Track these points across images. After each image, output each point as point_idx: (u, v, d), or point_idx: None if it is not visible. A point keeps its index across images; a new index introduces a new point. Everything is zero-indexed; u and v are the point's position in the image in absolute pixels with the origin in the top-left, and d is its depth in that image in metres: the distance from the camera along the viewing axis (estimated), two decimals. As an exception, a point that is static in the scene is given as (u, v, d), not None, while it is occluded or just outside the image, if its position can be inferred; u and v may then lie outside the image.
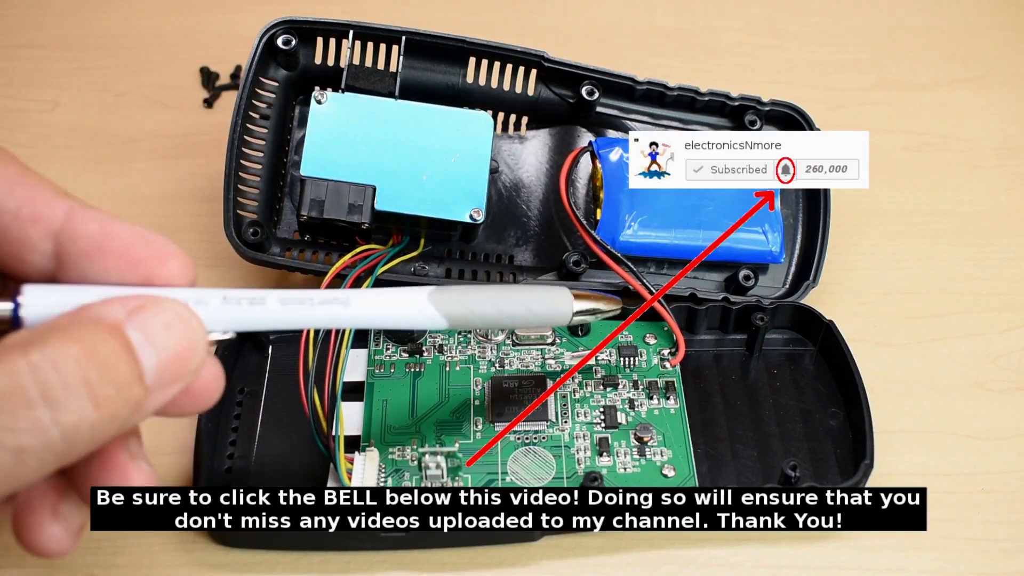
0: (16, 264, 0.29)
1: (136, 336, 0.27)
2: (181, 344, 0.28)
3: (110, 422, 0.26)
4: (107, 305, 0.27)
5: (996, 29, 0.62)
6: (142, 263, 0.29)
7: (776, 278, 0.48)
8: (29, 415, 0.25)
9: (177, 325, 0.28)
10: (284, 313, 0.31)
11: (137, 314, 0.27)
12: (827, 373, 0.45)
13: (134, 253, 0.29)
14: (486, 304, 0.35)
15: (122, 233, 0.29)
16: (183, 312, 0.28)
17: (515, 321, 0.36)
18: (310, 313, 0.31)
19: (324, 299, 0.31)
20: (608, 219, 0.46)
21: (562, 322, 0.38)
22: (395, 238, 0.45)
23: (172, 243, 0.29)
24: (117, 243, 0.29)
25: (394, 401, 0.42)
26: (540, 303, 0.37)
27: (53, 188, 0.29)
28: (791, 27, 0.62)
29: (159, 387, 0.27)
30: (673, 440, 0.42)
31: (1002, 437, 0.44)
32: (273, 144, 0.46)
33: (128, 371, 0.27)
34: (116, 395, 0.26)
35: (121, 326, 0.27)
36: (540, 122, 0.49)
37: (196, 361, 0.28)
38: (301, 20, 0.45)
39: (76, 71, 0.58)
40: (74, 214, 0.29)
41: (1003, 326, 0.48)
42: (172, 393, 0.28)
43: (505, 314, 0.35)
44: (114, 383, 0.26)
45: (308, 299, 0.31)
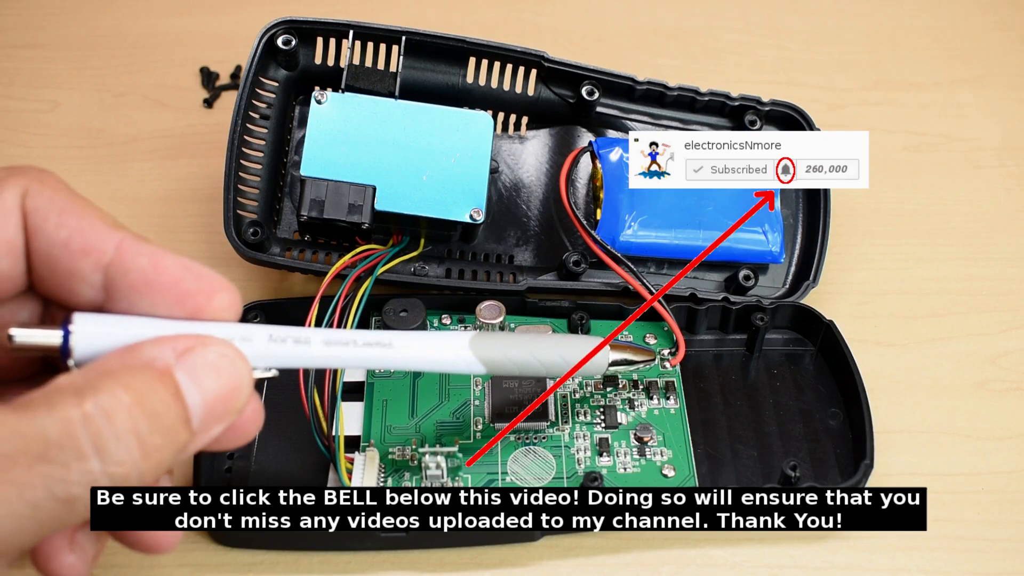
0: (64, 294, 0.29)
1: (184, 380, 0.27)
2: (228, 386, 0.28)
3: (156, 468, 0.27)
4: (157, 347, 0.28)
5: (996, 29, 0.62)
6: (191, 297, 0.29)
7: (776, 278, 0.48)
8: (81, 467, 0.25)
9: (224, 367, 0.28)
10: (327, 353, 0.31)
11: (186, 356, 0.28)
12: (827, 373, 0.45)
13: (183, 287, 0.29)
14: (524, 354, 0.36)
15: (172, 267, 0.29)
16: (230, 354, 0.28)
17: (551, 371, 0.38)
18: (353, 354, 0.32)
19: (368, 341, 0.32)
20: (608, 219, 0.46)
21: (598, 373, 0.39)
22: (395, 238, 0.45)
23: (220, 277, 0.30)
24: (166, 277, 0.29)
25: (394, 401, 0.42)
26: (578, 356, 0.38)
27: (104, 218, 0.29)
28: (791, 27, 0.62)
29: (204, 429, 0.28)
30: (673, 440, 0.42)
31: (1002, 437, 0.44)
32: (273, 144, 0.46)
33: (176, 418, 0.27)
34: (165, 444, 0.27)
35: (171, 371, 0.27)
36: (540, 122, 0.49)
37: (241, 401, 0.29)
38: (301, 20, 0.45)
39: (76, 71, 0.58)
40: (125, 247, 0.29)
41: (1003, 326, 0.48)
42: (216, 433, 0.28)
43: (541, 363, 0.37)
44: (163, 432, 0.27)
45: (352, 340, 0.32)
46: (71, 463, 0.25)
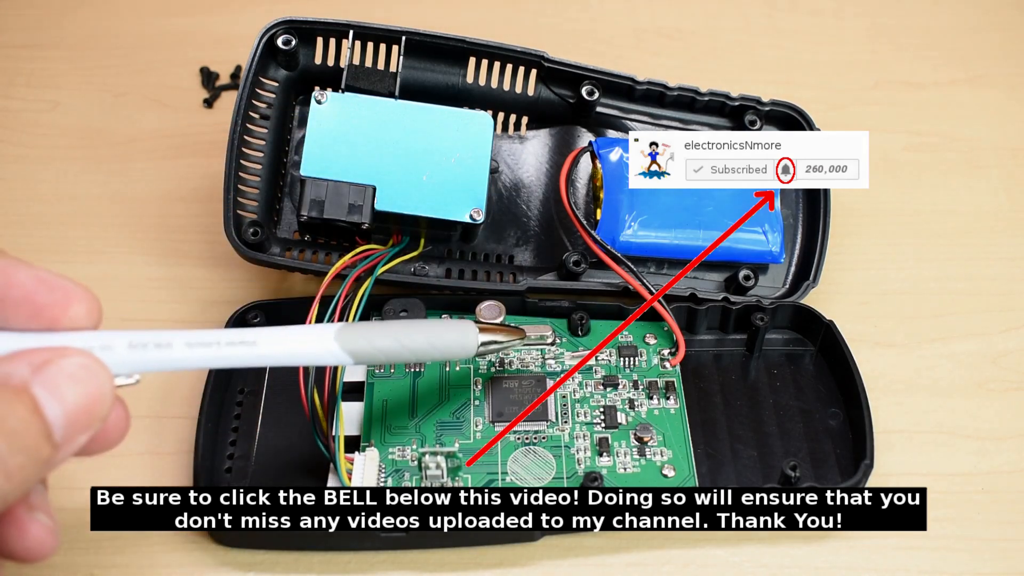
0: None
1: (42, 394, 0.27)
2: (88, 396, 0.27)
3: (20, 487, 0.26)
4: (11, 363, 0.27)
5: (996, 29, 0.62)
6: (45, 309, 0.28)
7: (776, 278, 0.48)
8: None
9: (83, 377, 0.27)
10: (190, 355, 0.31)
11: (42, 370, 0.27)
12: (827, 373, 0.45)
13: (37, 300, 0.28)
14: (390, 341, 0.35)
15: (24, 280, 0.28)
16: (88, 363, 0.28)
17: (420, 356, 0.37)
18: (216, 354, 0.31)
19: (231, 340, 0.31)
20: (608, 219, 0.46)
21: (468, 355, 0.38)
22: (395, 238, 0.45)
23: (77, 285, 0.29)
24: (18, 291, 0.28)
25: (394, 401, 0.42)
26: (444, 339, 0.37)
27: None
28: (791, 27, 0.62)
29: (67, 441, 0.27)
30: (673, 440, 0.42)
31: (1002, 437, 0.44)
32: (273, 144, 0.46)
33: (37, 434, 0.26)
34: (26, 461, 0.26)
35: (27, 386, 0.26)
36: (540, 122, 0.49)
37: (104, 410, 0.28)
38: (301, 20, 0.45)
39: (76, 71, 0.58)
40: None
41: (1003, 326, 0.48)
42: (81, 443, 0.28)
43: (409, 350, 0.36)
44: (24, 450, 0.26)
45: (215, 341, 0.31)
46: None
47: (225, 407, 0.43)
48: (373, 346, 0.34)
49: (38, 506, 0.29)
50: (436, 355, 0.37)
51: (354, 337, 0.34)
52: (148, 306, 0.48)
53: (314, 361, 0.34)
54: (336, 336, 0.33)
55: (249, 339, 0.32)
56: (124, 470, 0.42)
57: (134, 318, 0.48)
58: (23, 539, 0.29)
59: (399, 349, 0.35)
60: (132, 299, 0.48)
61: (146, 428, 0.44)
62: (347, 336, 0.34)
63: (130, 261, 0.50)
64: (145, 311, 0.48)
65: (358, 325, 0.35)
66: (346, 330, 0.34)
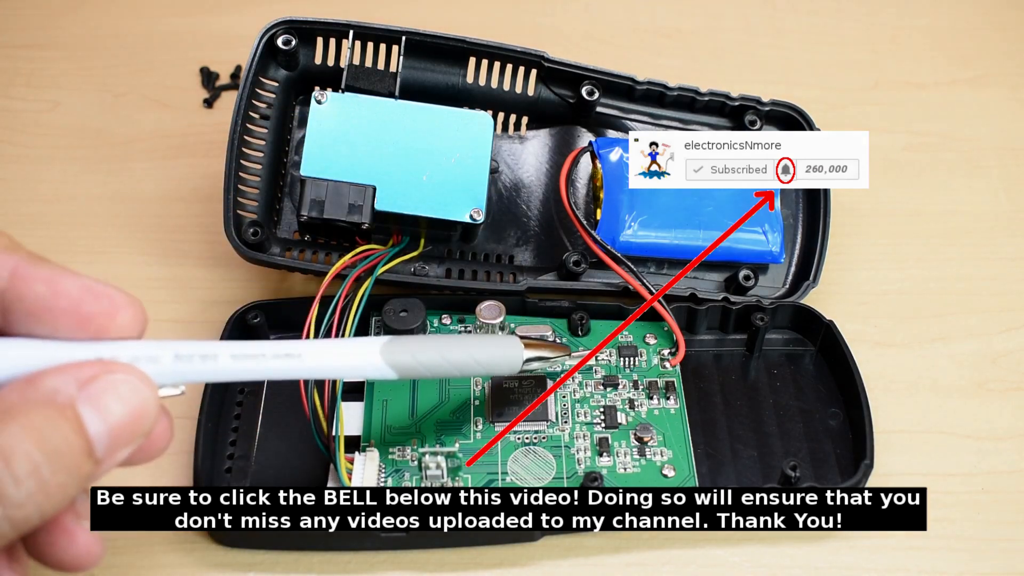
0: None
1: (87, 412, 0.27)
2: (133, 412, 0.28)
3: (60, 503, 0.26)
4: (58, 377, 0.27)
5: (996, 29, 0.62)
6: (92, 319, 0.28)
7: (776, 278, 0.48)
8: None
9: (128, 393, 0.28)
10: (236, 367, 0.31)
11: (88, 387, 0.27)
12: (827, 373, 0.45)
13: (83, 309, 0.28)
14: (436, 357, 0.35)
15: (71, 290, 0.28)
16: (133, 379, 0.28)
17: (465, 371, 0.37)
18: (262, 366, 0.31)
19: (277, 353, 0.31)
20: (608, 219, 0.46)
21: (512, 371, 0.38)
22: (395, 238, 0.45)
23: (123, 293, 0.29)
24: (65, 301, 0.28)
25: (394, 401, 0.42)
26: (490, 356, 0.37)
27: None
28: (791, 27, 0.62)
29: (109, 456, 0.27)
30: (673, 440, 0.42)
31: (1002, 437, 0.44)
32: (273, 144, 0.46)
33: (79, 452, 0.26)
34: (67, 480, 0.26)
35: (73, 404, 0.27)
36: (540, 122, 0.49)
37: (147, 425, 0.28)
38: (301, 20, 0.45)
39: (76, 71, 0.58)
40: (19, 272, 0.28)
41: (1003, 326, 0.48)
42: (123, 457, 0.28)
43: (453, 365, 0.36)
44: (66, 469, 0.26)
45: (260, 354, 0.31)
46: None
47: (225, 407, 0.43)
48: (417, 361, 0.35)
49: (84, 514, 0.29)
50: (480, 371, 0.37)
51: (399, 352, 0.34)
52: (148, 306, 0.47)
53: (359, 375, 0.34)
54: (382, 351, 0.34)
55: (295, 352, 0.32)
56: (124, 470, 0.42)
57: (134, 318, 0.48)
58: (73, 547, 0.29)
59: (444, 364, 0.36)
60: (132, 299, 0.48)
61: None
62: (392, 350, 0.34)
63: (130, 261, 0.50)
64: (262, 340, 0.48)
65: (403, 339, 0.35)
66: (391, 344, 0.34)
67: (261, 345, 0.32)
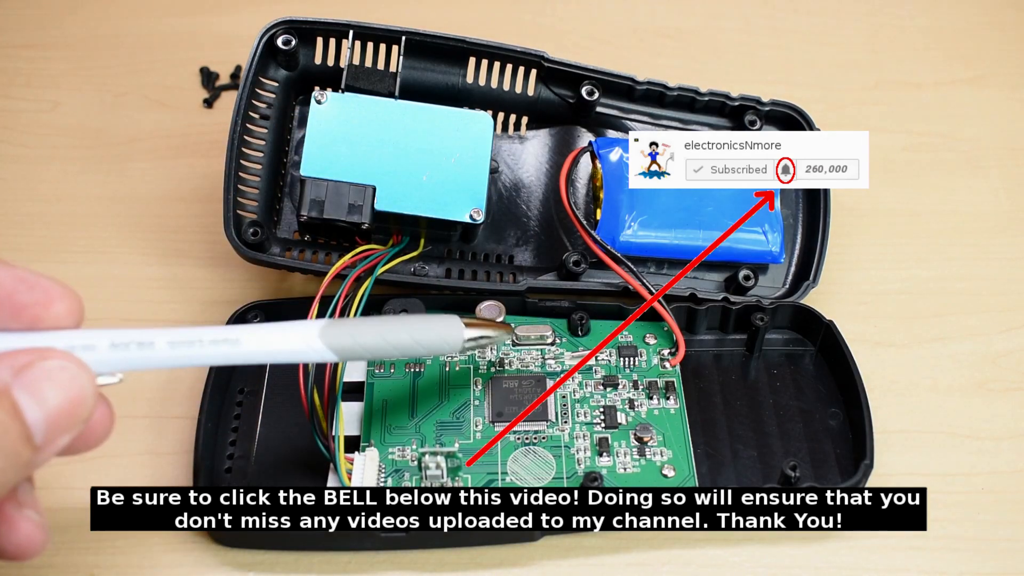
0: None
1: (23, 397, 0.27)
2: (70, 398, 0.27)
3: (1, 489, 0.26)
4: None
5: (996, 29, 0.62)
6: (27, 309, 0.28)
7: (776, 278, 0.48)
8: None
9: (65, 380, 0.27)
10: (173, 354, 0.30)
11: (23, 373, 0.27)
12: (827, 373, 0.45)
13: (17, 299, 0.28)
14: (375, 338, 0.34)
15: (3, 280, 0.28)
16: (70, 365, 0.28)
17: (406, 352, 0.36)
18: (199, 352, 0.31)
19: (214, 338, 0.31)
20: (608, 219, 0.46)
21: (454, 351, 0.37)
22: (395, 238, 0.45)
23: (58, 283, 0.29)
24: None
25: (394, 401, 0.42)
26: (429, 333, 0.36)
27: None
28: (791, 27, 0.62)
29: (48, 443, 0.27)
30: (673, 440, 0.42)
31: (1002, 437, 0.44)
32: (273, 144, 0.46)
33: (17, 437, 0.26)
34: (6, 465, 0.26)
35: (7, 390, 0.27)
36: (540, 122, 0.49)
37: (86, 412, 0.28)
38: (301, 20, 0.45)
39: (76, 71, 0.58)
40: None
41: (1003, 326, 0.48)
42: (63, 444, 0.28)
43: (393, 345, 0.35)
44: (4, 454, 0.26)
45: (197, 340, 0.31)
46: None
47: (225, 407, 0.43)
48: (357, 343, 0.34)
49: (27, 503, 0.29)
50: (422, 351, 0.36)
51: (338, 334, 0.33)
52: (148, 306, 0.48)
53: (299, 358, 0.34)
54: (320, 333, 0.33)
55: (232, 337, 0.31)
56: (124, 470, 0.42)
57: (134, 318, 0.48)
58: (13, 535, 0.29)
59: (384, 345, 0.35)
60: (132, 299, 0.48)
61: (146, 428, 0.44)
62: (331, 333, 0.33)
63: (130, 261, 0.50)
64: (145, 311, 0.48)
65: (343, 322, 0.34)
66: (331, 327, 0.33)
67: (198, 331, 0.31)
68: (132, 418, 0.44)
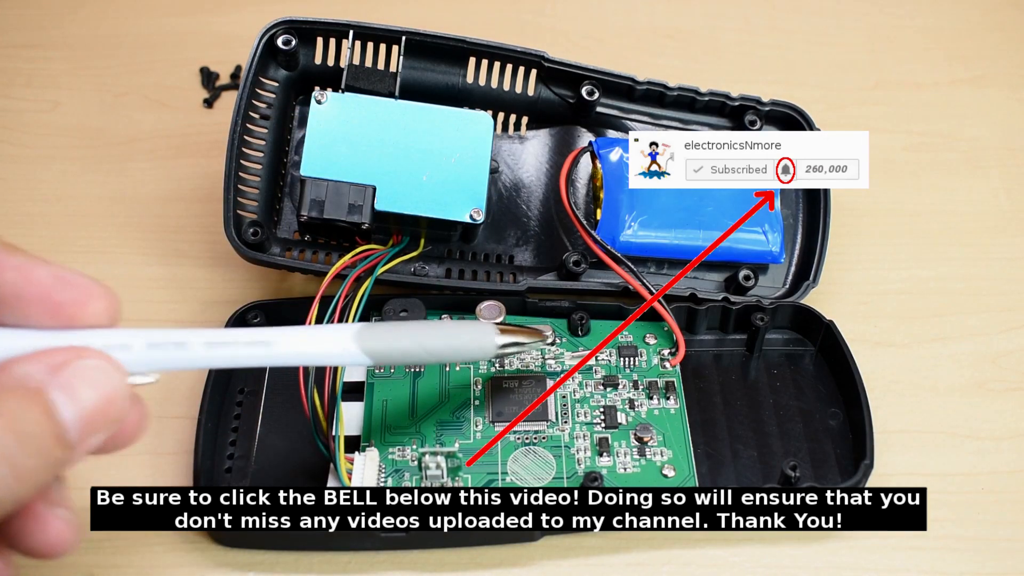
0: None
1: (58, 397, 0.27)
2: (103, 399, 0.27)
3: (32, 488, 0.26)
4: (29, 363, 0.27)
5: (996, 29, 0.62)
6: (64, 307, 0.28)
7: (776, 278, 0.48)
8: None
9: (99, 380, 0.27)
10: (208, 355, 0.31)
11: (59, 372, 0.27)
12: (827, 373, 0.45)
13: (55, 297, 0.28)
14: (410, 344, 0.35)
15: (42, 278, 0.28)
16: (105, 365, 0.28)
17: (439, 357, 0.36)
18: (234, 354, 0.31)
19: (249, 340, 0.31)
20: (608, 219, 0.46)
21: (486, 357, 0.38)
22: (395, 238, 0.45)
23: (95, 282, 0.29)
24: (36, 289, 0.28)
25: (394, 401, 0.42)
26: (463, 341, 0.36)
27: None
28: (791, 27, 0.62)
29: (82, 442, 0.27)
30: (673, 440, 0.42)
31: (1002, 437, 0.44)
32: (273, 144, 0.46)
33: (50, 437, 0.26)
34: (39, 464, 0.26)
35: (43, 390, 0.27)
36: (540, 122, 0.49)
37: (119, 412, 0.28)
38: (301, 20, 0.45)
39: (76, 71, 0.58)
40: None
41: (1003, 326, 0.48)
42: (96, 444, 0.28)
43: (428, 350, 0.35)
44: (37, 453, 0.26)
45: (233, 341, 0.31)
46: None
47: (225, 407, 0.43)
48: (392, 347, 0.34)
49: (58, 501, 0.29)
50: (455, 357, 0.37)
51: (373, 338, 0.34)
52: (148, 306, 0.48)
53: (333, 361, 0.34)
54: (355, 337, 0.33)
55: (267, 339, 0.32)
56: (124, 470, 0.42)
57: (134, 318, 0.47)
58: (44, 534, 0.29)
59: (418, 350, 0.35)
60: (132, 299, 0.48)
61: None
62: (366, 337, 0.33)
63: (130, 261, 0.50)
64: (145, 311, 0.48)
65: (377, 326, 0.35)
66: (366, 331, 0.34)
67: (233, 332, 0.31)
68: (132, 418, 0.44)
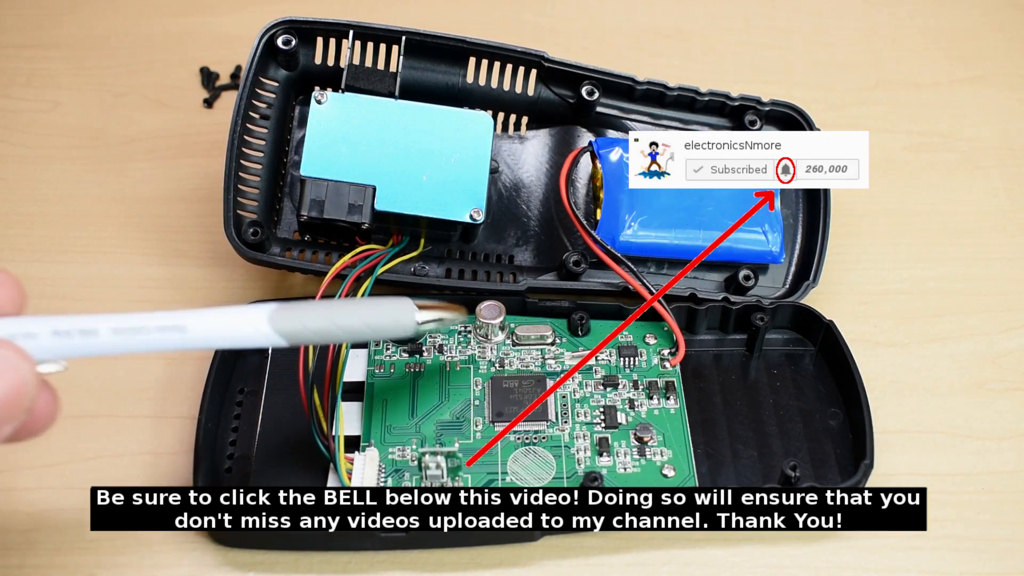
0: None
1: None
2: (9, 389, 0.27)
3: None
4: None
5: (996, 29, 0.62)
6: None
7: (776, 278, 0.48)
8: None
9: (4, 369, 0.27)
10: (118, 341, 0.30)
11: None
12: (827, 373, 0.45)
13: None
14: (326, 322, 0.34)
15: None
16: (8, 355, 0.27)
17: (357, 336, 0.35)
18: (145, 340, 0.30)
19: (161, 325, 0.31)
20: (608, 219, 0.46)
21: (407, 334, 0.36)
22: (395, 238, 0.45)
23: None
24: None
25: (394, 401, 0.42)
26: (381, 318, 0.35)
27: None
28: (791, 27, 0.62)
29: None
30: (673, 440, 0.42)
31: (1002, 437, 0.44)
32: (273, 144, 0.46)
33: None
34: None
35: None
36: (540, 122, 0.49)
37: (27, 401, 0.28)
38: (301, 20, 0.45)
39: (76, 71, 0.58)
40: None
41: (1003, 326, 0.48)
42: (5, 434, 0.28)
43: (344, 329, 0.34)
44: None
45: (143, 327, 0.30)
46: None
47: (225, 407, 0.43)
48: (307, 327, 0.33)
49: None
50: (374, 335, 0.35)
51: (288, 318, 0.32)
52: (148, 306, 0.48)
53: (249, 344, 0.33)
54: (270, 318, 0.32)
55: (179, 323, 0.31)
56: (124, 470, 0.42)
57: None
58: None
59: (334, 329, 0.34)
60: (132, 299, 0.48)
61: (146, 428, 0.44)
62: (280, 318, 0.32)
63: (130, 261, 0.50)
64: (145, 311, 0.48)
65: (293, 306, 0.33)
66: (280, 312, 0.32)
67: (144, 317, 0.30)
68: (132, 418, 0.44)
